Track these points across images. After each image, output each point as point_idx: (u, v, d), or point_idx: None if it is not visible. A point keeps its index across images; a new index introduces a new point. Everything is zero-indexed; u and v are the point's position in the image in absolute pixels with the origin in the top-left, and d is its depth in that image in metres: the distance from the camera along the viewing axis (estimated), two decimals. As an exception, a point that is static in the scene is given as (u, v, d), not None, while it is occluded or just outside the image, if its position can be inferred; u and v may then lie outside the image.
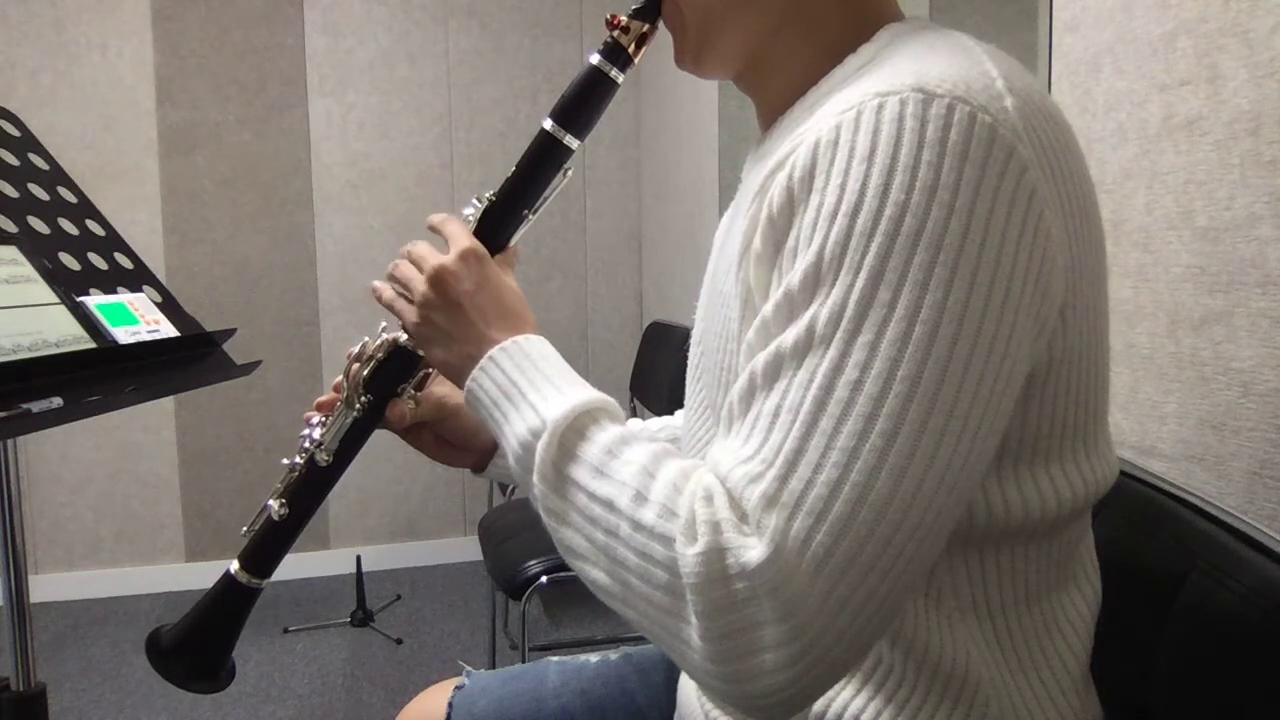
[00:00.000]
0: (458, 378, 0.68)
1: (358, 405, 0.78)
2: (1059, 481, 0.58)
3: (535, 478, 0.59)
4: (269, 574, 0.80)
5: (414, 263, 0.72)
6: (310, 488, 0.80)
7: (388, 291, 0.74)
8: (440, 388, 0.86)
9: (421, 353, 0.76)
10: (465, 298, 0.68)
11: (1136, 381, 0.97)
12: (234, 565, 0.80)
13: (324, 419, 0.80)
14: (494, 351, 0.65)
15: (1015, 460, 0.57)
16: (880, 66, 0.57)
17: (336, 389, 0.81)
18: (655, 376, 2.67)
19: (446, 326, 0.69)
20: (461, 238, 0.71)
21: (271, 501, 0.79)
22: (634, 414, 2.96)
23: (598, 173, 3.36)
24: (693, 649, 0.50)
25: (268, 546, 0.80)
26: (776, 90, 0.68)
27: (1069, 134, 0.56)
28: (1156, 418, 0.94)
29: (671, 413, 0.96)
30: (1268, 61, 0.78)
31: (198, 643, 0.81)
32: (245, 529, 0.81)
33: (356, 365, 0.79)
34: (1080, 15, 1.05)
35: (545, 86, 3.24)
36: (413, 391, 0.81)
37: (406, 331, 0.74)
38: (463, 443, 0.88)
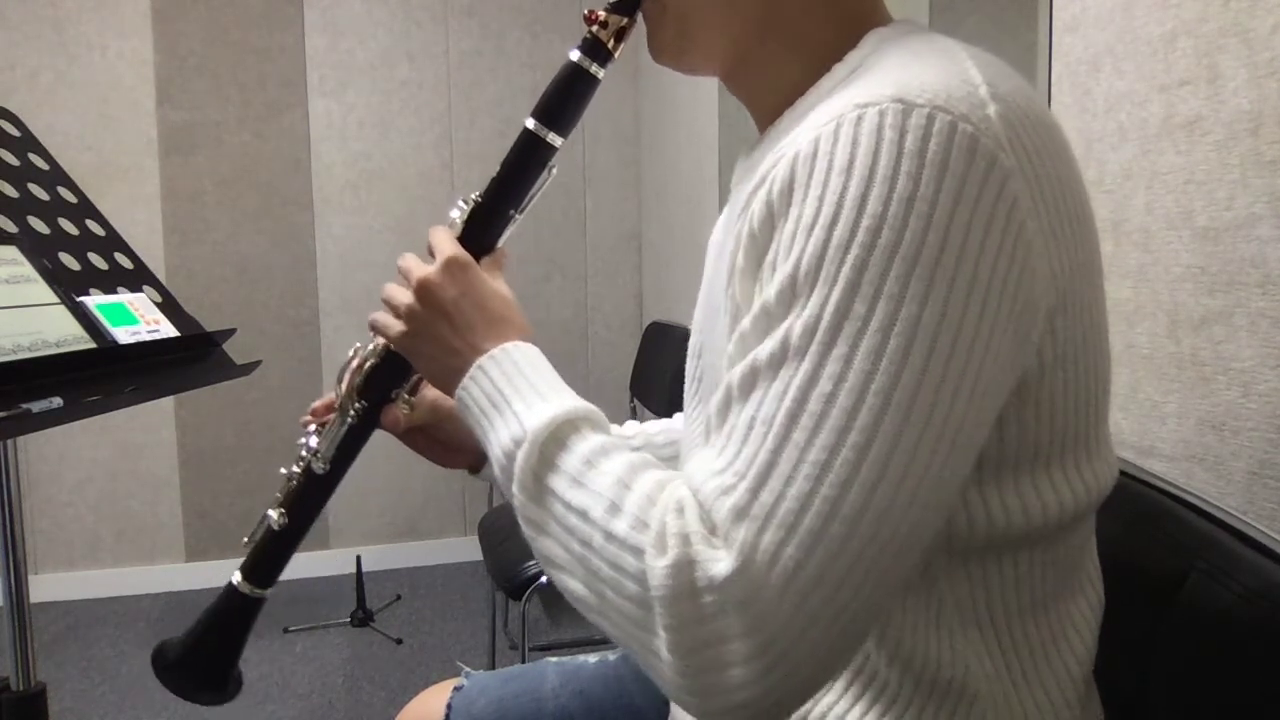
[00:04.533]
0: (448, 387, 0.68)
1: (352, 412, 0.78)
2: (1060, 487, 0.58)
3: (515, 487, 0.58)
4: (271, 584, 0.81)
5: (403, 274, 0.71)
6: (309, 496, 0.80)
7: (376, 315, 0.74)
8: (434, 391, 0.86)
9: (414, 367, 0.76)
10: (450, 306, 0.68)
11: (1136, 381, 0.97)
12: (236, 576, 0.80)
13: (320, 427, 0.81)
14: (482, 360, 0.65)
15: (1015, 467, 0.57)
16: (864, 75, 0.57)
17: (334, 399, 0.81)
18: (655, 376, 2.67)
19: (434, 337, 0.68)
20: (445, 246, 0.70)
21: (271, 511, 0.79)
22: (634, 414, 2.96)
23: (598, 173, 3.36)
24: (662, 661, 0.49)
25: (269, 556, 0.80)
26: (766, 99, 0.68)
27: (1056, 138, 0.55)
28: (1156, 418, 0.94)
29: (671, 413, 0.96)
30: (1268, 61, 0.78)
31: (203, 655, 0.82)
32: (246, 539, 0.81)
33: (350, 372, 0.79)
34: (1080, 15, 1.05)
35: (545, 86, 3.23)
36: (406, 396, 0.81)
37: (394, 346, 0.73)
38: (458, 444, 0.88)
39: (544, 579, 1.82)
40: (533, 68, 3.24)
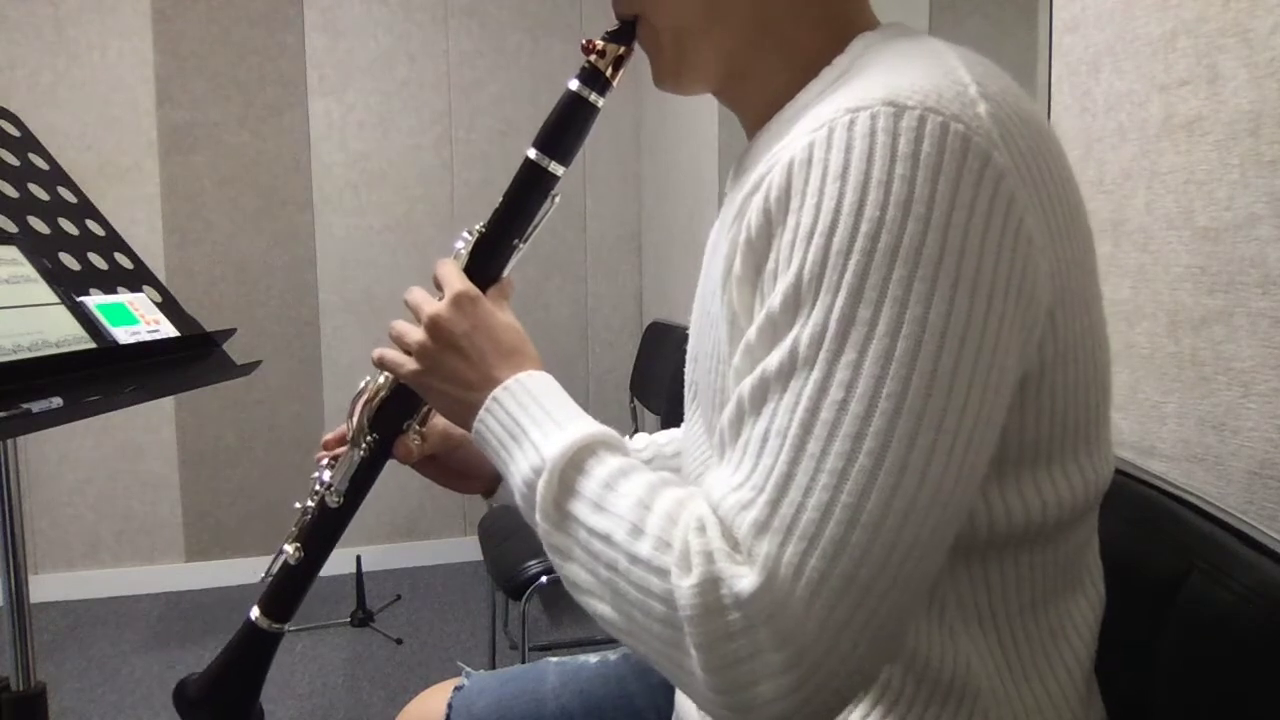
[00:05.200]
0: (464, 421, 0.68)
1: (364, 445, 0.79)
2: (1060, 484, 0.58)
3: (538, 516, 0.59)
4: (289, 618, 0.81)
5: (412, 309, 0.72)
6: (323, 530, 0.80)
7: (384, 352, 0.74)
8: (444, 419, 0.86)
9: (427, 402, 0.76)
10: (463, 341, 0.68)
11: (1136, 381, 0.97)
12: (254, 611, 0.81)
13: (332, 460, 0.81)
14: (497, 391, 0.65)
15: (1017, 464, 0.57)
16: (853, 79, 0.57)
17: (345, 432, 0.82)
18: (655, 376, 2.67)
19: (447, 372, 0.69)
20: (454, 281, 0.71)
21: (286, 546, 0.80)
22: (634, 414, 2.96)
23: (598, 173, 3.36)
24: (697, 680, 0.50)
25: (286, 590, 0.81)
26: (756, 105, 0.68)
27: (1046, 135, 0.55)
28: (1156, 418, 0.94)
29: (671, 412, 0.96)
30: (1268, 61, 0.78)
31: (225, 691, 0.82)
32: (264, 575, 0.82)
33: (360, 405, 0.79)
34: (1080, 15, 1.05)
35: (545, 86, 3.24)
36: (417, 426, 0.81)
37: (407, 383, 0.73)
38: (471, 471, 0.89)
39: (544, 579, 1.82)
40: (532, 69, 3.24)
